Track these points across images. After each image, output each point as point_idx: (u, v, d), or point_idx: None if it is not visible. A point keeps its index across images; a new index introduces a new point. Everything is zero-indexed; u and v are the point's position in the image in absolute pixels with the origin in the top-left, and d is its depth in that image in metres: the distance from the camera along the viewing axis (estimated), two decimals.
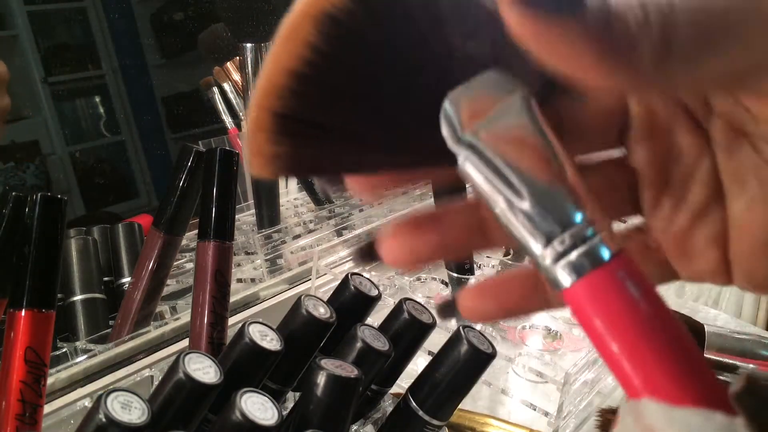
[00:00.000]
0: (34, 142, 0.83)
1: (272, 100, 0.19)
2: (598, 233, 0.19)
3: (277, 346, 0.36)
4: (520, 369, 0.57)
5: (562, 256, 0.19)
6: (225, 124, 0.95)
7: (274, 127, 0.20)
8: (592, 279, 0.19)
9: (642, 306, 0.19)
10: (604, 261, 0.19)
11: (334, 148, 0.21)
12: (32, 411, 0.37)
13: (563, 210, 0.19)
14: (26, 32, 0.83)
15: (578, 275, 0.19)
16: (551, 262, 0.19)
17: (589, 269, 0.19)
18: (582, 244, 0.19)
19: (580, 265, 0.19)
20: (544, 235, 0.19)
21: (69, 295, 0.59)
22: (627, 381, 0.18)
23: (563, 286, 0.19)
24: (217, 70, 0.94)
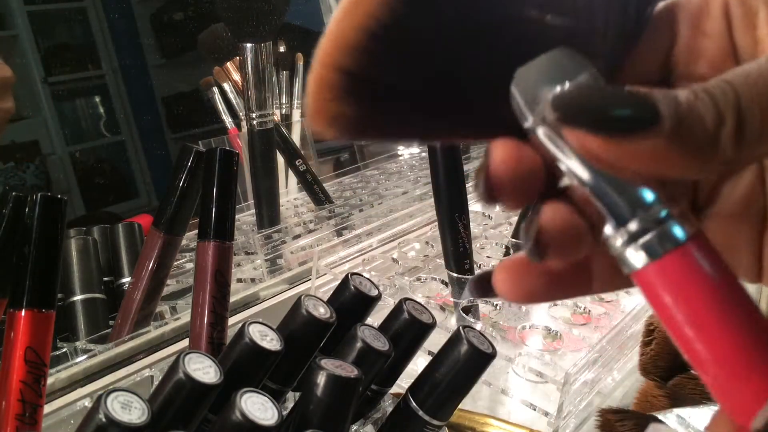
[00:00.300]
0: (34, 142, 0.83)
1: (341, 57, 0.19)
2: (674, 214, 0.18)
3: (277, 346, 0.36)
4: (520, 369, 0.57)
5: (635, 237, 0.19)
6: (225, 124, 0.95)
7: (340, 86, 0.19)
8: (668, 261, 0.18)
9: (720, 287, 0.18)
10: (681, 242, 0.18)
11: (399, 112, 0.20)
12: (32, 411, 0.37)
13: (636, 191, 0.19)
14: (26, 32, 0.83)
15: (652, 257, 0.18)
16: (623, 243, 0.19)
17: (665, 251, 0.18)
18: (656, 225, 0.18)
19: (654, 246, 0.18)
20: (615, 216, 0.19)
21: (69, 295, 0.59)
22: (699, 361, 0.18)
23: (635, 268, 0.19)
24: (217, 70, 0.94)
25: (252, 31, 0.72)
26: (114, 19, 0.91)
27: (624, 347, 0.58)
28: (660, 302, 0.19)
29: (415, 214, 0.86)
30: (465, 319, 0.62)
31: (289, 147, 0.90)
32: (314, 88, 0.20)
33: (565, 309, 0.67)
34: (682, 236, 0.18)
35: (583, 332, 0.62)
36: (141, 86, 0.95)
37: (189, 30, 0.99)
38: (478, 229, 0.83)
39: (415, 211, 0.87)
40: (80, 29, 0.91)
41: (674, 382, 0.55)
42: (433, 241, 0.78)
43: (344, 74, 0.19)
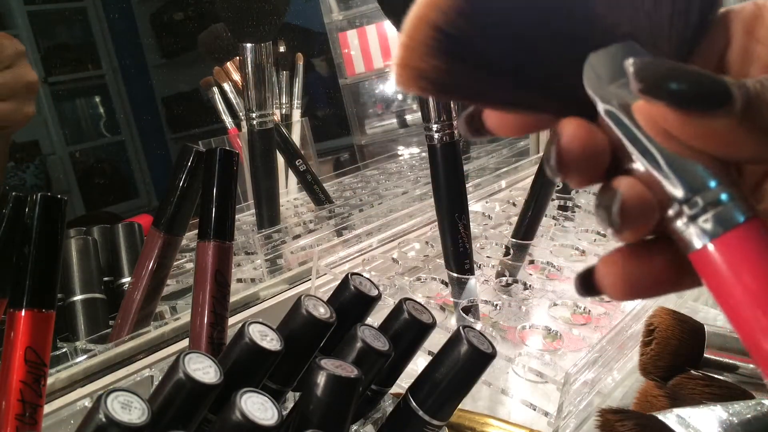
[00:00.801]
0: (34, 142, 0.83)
1: (437, 14, 0.20)
2: (733, 197, 0.19)
3: (277, 346, 0.36)
4: (520, 369, 0.57)
5: (695, 217, 0.19)
6: (225, 124, 0.95)
7: (433, 43, 0.20)
8: (725, 241, 0.19)
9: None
10: (739, 223, 0.19)
11: (482, 76, 0.21)
12: (32, 411, 0.37)
13: (699, 172, 0.19)
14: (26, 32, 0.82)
15: (710, 237, 0.19)
16: (685, 223, 0.20)
17: (723, 231, 0.19)
18: (715, 207, 0.19)
19: (713, 227, 0.19)
20: (679, 195, 0.20)
21: (69, 295, 0.59)
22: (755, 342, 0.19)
23: (695, 248, 0.19)
24: (217, 70, 0.94)
25: (252, 31, 0.72)
26: (114, 19, 0.90)
27: (624, 347, 0.58)
28: (716, 282, 0.19)
29: (415, 214, 0.86)
30: (465, 319, 0.62)
31: (289, 147, 0.90)
32: (405, 41, 0.21)
33: (565, 309, 0.67)
34: (741, 218, 0.19)
35: (583, 332, 0.62)
36: (141, 86, 0.95)
37: (189, 30, 0.99)
38: (478, 229, 0.83)
39: (415, 211, 0.87)
40: (80, 29, 0.90)
41: (674, 382, 0.55)
42: (433, 241, 0.78)
43: (438, 32, 0.20)
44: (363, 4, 1.20)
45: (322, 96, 1.23)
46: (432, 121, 0.58)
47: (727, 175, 0.20)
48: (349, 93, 1.23)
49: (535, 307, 0.67)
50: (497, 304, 0.66)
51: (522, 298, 0.68)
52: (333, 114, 1.24)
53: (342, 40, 1.21)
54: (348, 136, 1.24)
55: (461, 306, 0.62)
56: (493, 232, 0.83)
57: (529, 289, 0.69)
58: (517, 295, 0.69)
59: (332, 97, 1.23)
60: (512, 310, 0.66)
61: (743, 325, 0.19)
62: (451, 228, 0.61)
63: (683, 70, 0.19)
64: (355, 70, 1.22)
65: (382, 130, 1.26)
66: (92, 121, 0.93)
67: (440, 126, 0.58)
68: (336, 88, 1.22)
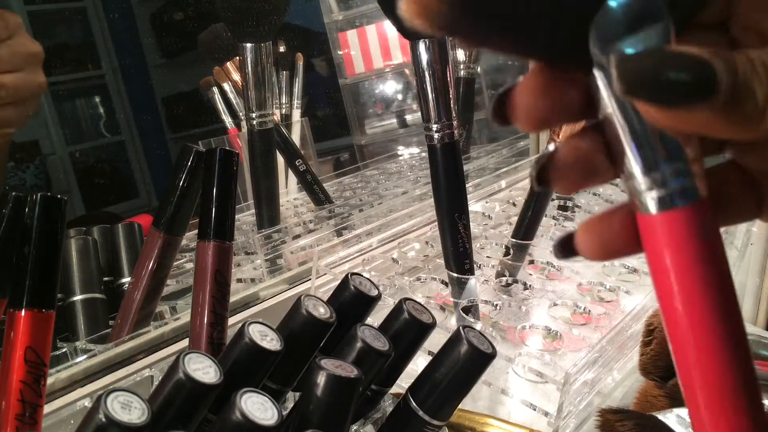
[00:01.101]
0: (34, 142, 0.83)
1: None
2: (695, 174, 0.20)
3: (277, 346, 0.36)
4: (520, 369, 0.57)
5: (657, 185, 0.20)
6: (225, 124, 0.95)
7: None
8: (679, 214, 0.20)
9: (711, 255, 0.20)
10: (694, 201, 0.20)
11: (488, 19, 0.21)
12: (32, 411, 0.37)
13: (672, 145, 0.20)
14: None
15: (666, 207, 0.20)
16: (646, 188, 0.21)
17: (679, 205, 0.20)
18: (677, 179, 0.20)
19: (670, 198, 0.20)
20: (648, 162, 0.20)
21: (69, 295, 0.59)
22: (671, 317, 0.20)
23: (650, 212, 0.21)
24: (217, 70, 0.94)
25: (252, 31, 0.72)
26: (114, 19, 0.90)
27: (624, 347, 0.58)
28: (656, 251, 0.21)
29: (415, 214, 0.86)
30: (465, 319, 0.62)
31: (289, 147, 0.90)
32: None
33: (565, 309, 0.67)
34: (695, 197, 0.20)
35: (583, 332, 0.62)
36: (141, 86, 0.95)
37: (189, 30, 0.99)
38: (478, 229, 0.83)
39: (415, 211, 0.87)
40: (80, 29, 0.90)
41: (674, 382, 0.55)
42: (433, 241, 0.78)
43: None
44: (363, 4, 1.20)
45: (322, 96, 1.23)
46: (432, 121, 0.58)
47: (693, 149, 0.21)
48: (349, 93, 1.23)
49: (535, 307, 0.67)
50: (497, 304, 0.66)
51: (522, 298, 0.68)
52: (333, 114, 1.24)
53: (342, 40, 1.21)
54: (348, 136, 1.24)
55: (461, 306, 0.62)
56: (493, 232, 0.83)
57: (529, 289, 0.69)
58: (517, 295, 0.69)
59: (332, 97, 1.23)
60: (512, 310, 0.66)
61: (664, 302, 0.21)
62: (451, 228, 0.61)
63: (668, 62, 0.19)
64: (355, 70, 1.22)
65: (382, 130, 1.26)
66: (92, 121, 0.93)
67: (440, 126, 0.58)
68: (336, 88, 1.22)
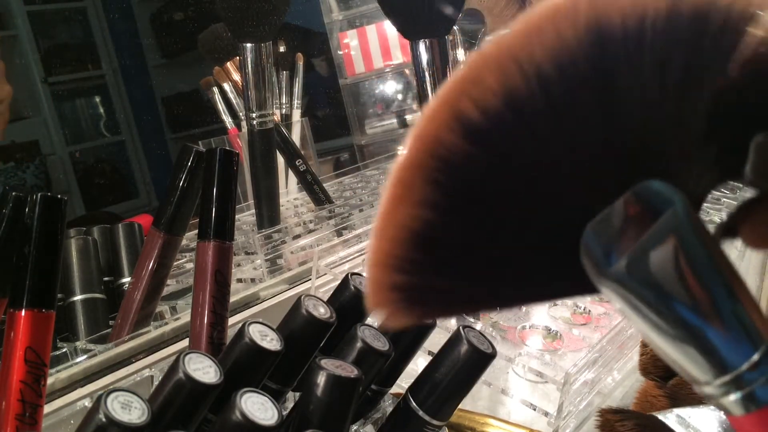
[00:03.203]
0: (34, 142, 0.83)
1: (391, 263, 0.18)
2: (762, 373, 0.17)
3: (277, 346, 0.36)
4: (520, 369, 0.57)
5: (733, 390, 0.18)
6: (225, 124, 0.95)
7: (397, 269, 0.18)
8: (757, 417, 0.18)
9: None
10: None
11: (461, 290, 0.19)
12: (32, 411, 0.37)
13: (733, 349, 0.17)
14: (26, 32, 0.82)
15: (749, 410, 0.18)
16: (720, 394, 0.18)
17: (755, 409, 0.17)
18: (758, 380, 0.17)
19: (754, 399, 0.17)
20: (708, 372, 0.18)
21: (69, 295, 0.59)
22: None
23: (736, 414, 0.18)
24: (217, 70, 0.94)
25: (252, 31, 0.72)
26: (114, 19, 0.90)
27: (624, 347, 0.58)
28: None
29: None
30: (465, 319, 0.62)
31: (289, 147, 0.90)
32: (372, 282, 0.19)
33: (565, 309, 0.67)
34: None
35: (583, 332, 0.62)
36: (141, 86, 0.95)
37: (189, 30, 0.99)
38: None
39: None
40: (80, 29, 0.90)
41: (674, 382, 0.55)
42: None
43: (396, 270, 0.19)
44: (363, 4, 1.20)
45: (322, 96, 1.23)
46: None
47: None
48: (349, 93, 1.23)
49: (535, 307, 0.67)
50: None
51: None
52: (333, 114, 1.24)
53: (342, 40, 1.21)
54: (348, 136, 1.24)
55: None
56: None
57: None
58: None
59: (332, 97, 1.23)
60: (512, 310, 0.66)
61: None
62: None
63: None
64: (355, 70, 1.22)
65: (382, 130, 1.26)
66: (92, 121, 0.93)
67: None
68: (336, 88, 1.22)
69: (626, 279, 0.17)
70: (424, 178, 0.17)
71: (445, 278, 0.19)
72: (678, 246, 0.17)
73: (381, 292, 0.19)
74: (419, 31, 0.64)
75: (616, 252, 0.18)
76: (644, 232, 0.17)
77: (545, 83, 0.17)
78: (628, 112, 0.17)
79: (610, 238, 0.18)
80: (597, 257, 0.18)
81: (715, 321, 0.17)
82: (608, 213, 0.18)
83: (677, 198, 0.18)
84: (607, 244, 0.18)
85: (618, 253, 0.18)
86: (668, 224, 0.17)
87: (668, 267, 0.17)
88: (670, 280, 0.17)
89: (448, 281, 0.19)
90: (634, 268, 0.17)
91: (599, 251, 0.18)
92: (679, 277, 0.17)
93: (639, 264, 0.17)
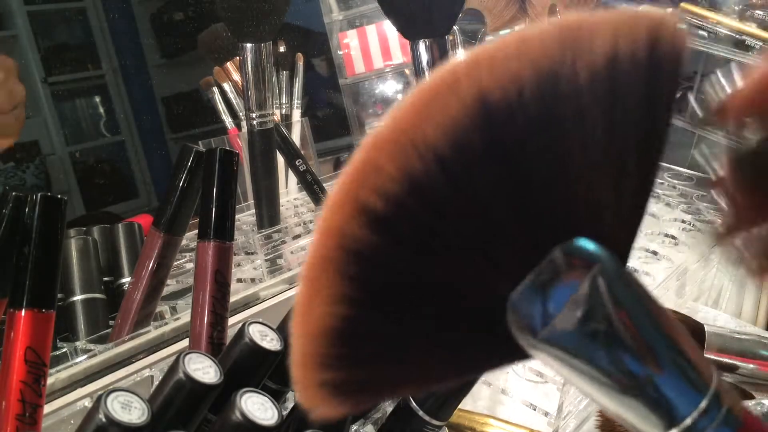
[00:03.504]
0: (34, 142, 0.83)
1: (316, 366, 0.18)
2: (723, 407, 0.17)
3: (277, 346, 0.36)
4: (520, 369, 0.57)
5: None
6: (225, 124, 0.95)
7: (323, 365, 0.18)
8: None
9: None
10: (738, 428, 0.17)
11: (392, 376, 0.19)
12: (32, 411, 0.37)
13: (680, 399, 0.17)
14: (26, 32, 0.82)
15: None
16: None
17: None
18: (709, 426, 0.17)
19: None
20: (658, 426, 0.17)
21: (69, 295, 0.59)
22: None
23: None
24: (217, 70, 0.94)
25: (252, 31, 0.72)
26: (114, 19, 0.90)
27: None
28: None
29: None
30: None
31: (289, 147, 0.90)
32: (298, 382, 0.19)
33: None
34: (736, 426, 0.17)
35: None
36: (141, 86, 0.95)
37: (189, 30, 0.99)
38: None
39: None
40: (80, 29, 0.90)
41: None
42: None
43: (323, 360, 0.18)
44: (363, 4, 1.20)
45: (322, 96, 1.23)
46: None
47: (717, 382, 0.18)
48: (349, 93, 1.23)
49: None
50: None
51: None
52: (333, 114, 1.24)
53: (342, 40, 1.21)
54: (348, 136, 1.24)
55: None
56: None
57: None
58: None
59: (332, 97, 1.23)
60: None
61: None
62: None
63: None
64: (355, 70, 1.22)
65: None
66: (92, 121, 0.93)
67: None
68: (336, 88, 1.22)
69: (560, 340, 0.17)
70: (334, 274, 0.17)
71: (371, 368, 0.18)
72: (611, 300, 0.17)
73: (310, 391, 0.18)
74: (419, 31, 0.64)
75: (545, 315, 0.17)
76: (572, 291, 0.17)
77: (442, 162, 0.16)
78: (529, 179, 0.17)
79: (537, 302, 0.17)
80: (526, 323, 0.17)
81: (657, 372, 0.17)
82: (532, 278, 0.17)
83: (602, 253, 0.17)
84: (535, 308, 0.17)
85: (546, 315, 0.17)
86: (597, 280, 0.17)
87: (603, 322, 0.17)
88: (607, 335, 0.17)
89: (375, 371, 0.18)
90: (567, 328, 0.17)
91: (528, 317, 0.17)
92: (616, 332, 0.17)
93: (571, 323, 0.17)
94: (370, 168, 0.16)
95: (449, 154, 0.16)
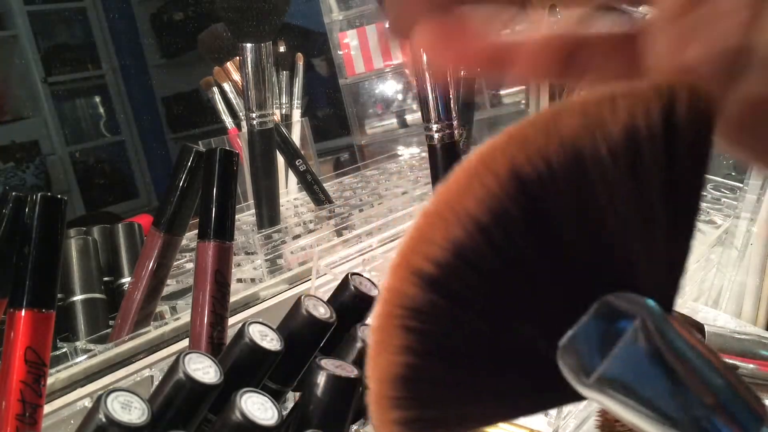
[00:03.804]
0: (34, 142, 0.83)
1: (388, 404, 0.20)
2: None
3: (277, 346, 0.36)
4: None
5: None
6: (225, 124, 0.95)
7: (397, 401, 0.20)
8: None
9: None
10: None
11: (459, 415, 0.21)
12: (32, 411, 0.37)
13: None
14: (26, 32, 0.83)
15: None
16: None
17: None
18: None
19: None
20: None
21: (69, 295, 0.59)
22: None
23: None
24: (217, 70, 0.94)
25: (252, 31, 0.72)
26: (114, 19, 0.91)
27: None
28: None
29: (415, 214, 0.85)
30: None
31: (289, 147, 0.90)
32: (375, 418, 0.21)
33: None
34: None
35: None
36: (141, 86, 0.95)
37: (189, 30, 0.99)
38: None
39: (415, 211, 0.87)
40: (80, 29, 0.91)
41: None
42: None
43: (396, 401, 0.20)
44: (363, 4, 1.20)
45: (322, 96, 1.23)
46: (432, 121, 0.58)
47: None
48: (349, 93, 1.23)
49: None
50: None
51: None
52: (333, 114, 1.24)
53: (342, 40, 1.21)
54: (348, 136, 1.24)
55: None
56: None
57: None
58: None
59: (332, 97, 1.23)
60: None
61: None
62: None
63: None
64: (355, 70, 1.22)
65: (382, 130, 1.26)
66: (92, 121, 0.94)
67: (440, 126, 0.58)
68: (336, 88, 1.22)
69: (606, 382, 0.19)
70: (396, 326, 0.19)
71: (437, 408, 0.21)
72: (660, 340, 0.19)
73: (385, 427, 0.21)
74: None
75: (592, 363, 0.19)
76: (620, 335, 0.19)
77: (484, 231, 0.19)
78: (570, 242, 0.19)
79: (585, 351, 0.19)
80: (576, 371, 0.19)
81: (718, 411, 0.18)
82: (578, 328, 0.19)
83: (646, 300, 0.19)
84: (582, 356, 0.19)
85: (594, 363, 0.19)
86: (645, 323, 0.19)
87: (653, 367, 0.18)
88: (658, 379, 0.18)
89: (441, 410, 0.21)
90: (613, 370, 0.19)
91: (576, 365, 0.19)
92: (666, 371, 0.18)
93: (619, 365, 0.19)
94: (420, 238, 0.20)
95: (490, 223, 0.18)
